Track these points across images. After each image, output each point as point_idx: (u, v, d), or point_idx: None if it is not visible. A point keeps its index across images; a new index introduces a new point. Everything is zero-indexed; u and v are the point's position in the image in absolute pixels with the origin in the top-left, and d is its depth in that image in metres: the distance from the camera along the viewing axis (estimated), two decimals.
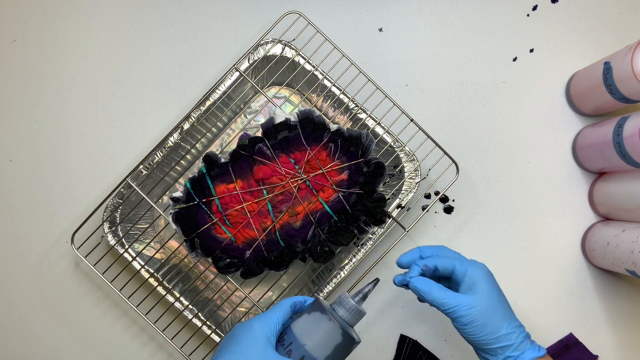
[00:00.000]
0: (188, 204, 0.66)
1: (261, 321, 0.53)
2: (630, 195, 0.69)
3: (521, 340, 0.56)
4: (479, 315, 0.56)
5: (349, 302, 0.55)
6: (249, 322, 0.53)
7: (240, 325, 0.54)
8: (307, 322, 0.54)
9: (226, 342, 0.53)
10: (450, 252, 0.62)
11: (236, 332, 0.53)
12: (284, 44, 0.71)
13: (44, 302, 0.75)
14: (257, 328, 0.52)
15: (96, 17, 0.78)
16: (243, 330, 0.53)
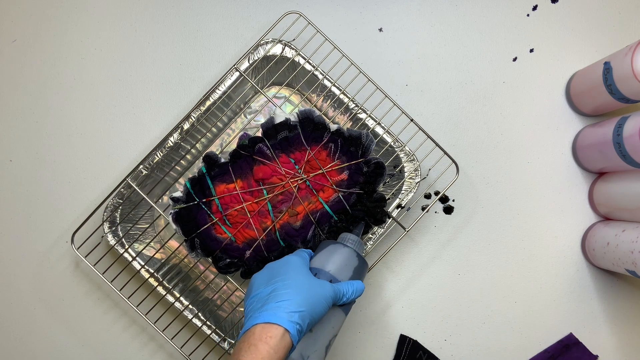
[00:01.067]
0: (188, 204, 0.66)
1: (295, 255, 0.60)
2: (630, 195, 0.69)
3: None
4: None
5: (352, 236, 0.63)
6: (284, 258, 0.60)
7: (275, 262, 0.60)
8: (325, 254, 0.61)
9: (265, 275, 0.58)
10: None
11: (274, 266, 0.59)
12: (284, 44, 0.71)
13: (44, 302, 0.75)
14: (294, 260, 0.59)
15: (96, 17, 0.78)
16: (282, 264, 0.59)
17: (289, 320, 0.53)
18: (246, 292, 0.60)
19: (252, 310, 0.55)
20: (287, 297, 0.54)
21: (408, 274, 0.76)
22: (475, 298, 0.75)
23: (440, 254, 0.76)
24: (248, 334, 0.53)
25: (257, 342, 0.52)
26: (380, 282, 0.75)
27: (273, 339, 0.52)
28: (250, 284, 0.59)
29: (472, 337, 0.75)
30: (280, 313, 0.53)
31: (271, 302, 0.54)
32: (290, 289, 0.55)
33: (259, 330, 0.52)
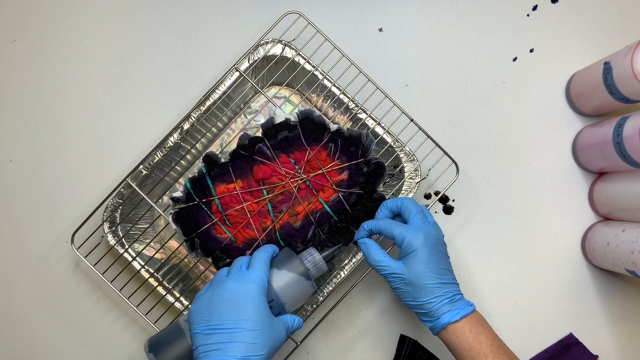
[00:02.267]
0: (188, 204, 0.66)
1: (257, 284, 0.56)
2: (630, 195, 0.69)
3: (437, 308, 0.59)
4: (402, 283, 0.60)
5: (317, 256, 0.62)
6: (247, 284, 0.56)
7: (233, 284, 0.56)
8: (287, 282, 0.60)
9: (227, 302, 0.55)
10: (409, 207, 0.63)
11: (237, 295, 0.55)
12: (284, 44, 0.71)
13: (44, 302, 0.75)
14: (254, 292, 0.55)
15: (96, 17, 0.78)
16: (243, 293, 0.55)
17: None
18: (195, 309, 0.56)
19: (210, 347, 0.53)
20: (253, 340, 0.53)
21: None
22: (475, 298, 0.75)
23: None
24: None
25: None
26: (380, 282, 0.75)
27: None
28: (201, 304, 0.56)
29: None
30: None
31: (233, 346, 0.52)
32: (254, 332, 0.53)
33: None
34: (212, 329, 0.54)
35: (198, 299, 0.56)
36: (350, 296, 0.74)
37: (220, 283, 0.56)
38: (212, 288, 0.56)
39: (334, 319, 0.75)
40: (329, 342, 0.75)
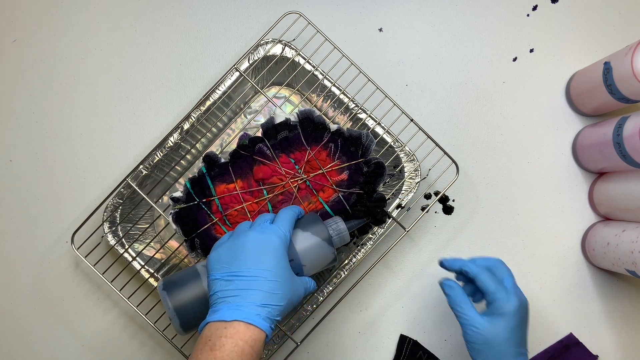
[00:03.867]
0: (188, 204, 0.66)
1: (280, 238, 0.55)
2: (630, 195, 0.69)
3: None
4: (479, 339, 0.58)
5: (342, 225, 0.61)
6: (270, 236, 0.55)
7: (262, 238, 0.55)
8: (309, 245, 0.59)
9: (249, 251, 0.54)
10: (502, 269, 0.62)
11: (260, 245, 0.54)
12: (284, 44, 0.71)
13: (44, 302, 0.75)
14: (276, 243, 0.55)
15: (96, 17, 0.78)
16: (264, 243, 0.55)
17: (270, 319, 0.52)
18: (215, 256, 0.55)
19: (229, 293, 0.52)
20: (273, 291, 0.52)
21: (408, 274, 0.76)
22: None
23: (440, 254, 0.76)
24: (230, 329, 0.50)
25: (244, 345, 0.50)
26: (380, 282, 0.75)
27: (258, 343, 0.51)
28: (222, 252, 0.55)
29: None
30: (264, 313, 0.51)
31: (252, 293, 0.52)
32: (273, 283, 0.53)
33: (243, 330, 0.50)
34: (232, 275, 0.53)
35: (218, 247, 0.56)
36: (350, 296, 0.74)
37: (242, 233, 0.56)
38: (234, 237, 0.56)
39: (334, 319, 0.75)
40: (329, 342, 0.75)
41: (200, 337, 0.51)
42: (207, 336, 0.50)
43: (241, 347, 0.50)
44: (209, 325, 0.51)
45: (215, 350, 0.49)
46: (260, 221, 0.57)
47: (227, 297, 0.52)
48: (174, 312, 0.57)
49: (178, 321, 0.57)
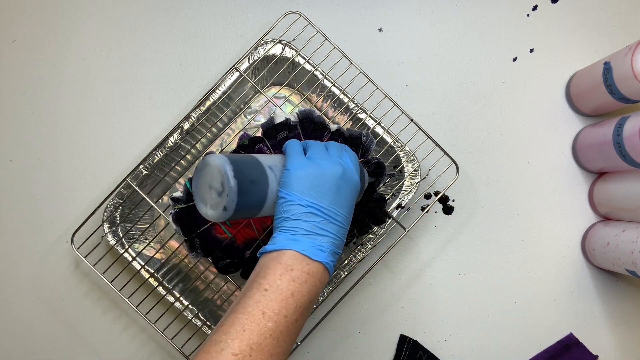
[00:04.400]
0: (188, 204, 0.66)
1: (359, 180, 0.55)
2: (630, 195, 0.69)
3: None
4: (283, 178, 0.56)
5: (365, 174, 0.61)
6: (356, 182, 0.54)
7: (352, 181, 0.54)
8: None
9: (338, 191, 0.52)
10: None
11: (346, 188, 0.53)
12: (284, 44, 0.71)
13: (44, 302, 0.75)
14: (355, 182, 0.54)
15: (96, 18, 0.78)
16: (352, 190, 0.54)
17: (333, 264, 0.52)
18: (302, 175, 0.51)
19: (314, 228, 0.50)
20: (344, 239, 0.52)
21: (408, 274, 0.76)
22: (475, 298, 0.75)
23: (440, 254, 0.76)
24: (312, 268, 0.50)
25: (320, 287, 0.50)
26: (380, 282, 0.75)
27: (324, 286, 0.51)
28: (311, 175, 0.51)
29: (472, 337, 0.75)
30: (334, 261, 0.51)
31: (333, 239, 0.51)
32: (346, 231, 0.52)
33: (322, 273, 0.50)
34: (319, 210, 0.51)
35: (305, 168, 0.52)
36: (350, 296, 0.74)
37: (332, 165, 0.53)
38: (325, 166, 0.52)
39: (334, 319, 0.75)
40: (329, 342, 0.75)
41: (278, 261, 0.49)
42: (288, 264, 0.49)
43: (318, 288, 0.50)
44: (290, 253, 0.50)
45: (297, 283, 0.49)
46: (339, 154, 0.55)
47: (312, 233, 0.50)
48: (236, 195, 0.50)
49: (234, 208, 0.51)
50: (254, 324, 0.47)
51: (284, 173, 0.53)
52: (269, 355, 0.46)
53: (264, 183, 0.53)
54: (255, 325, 0.47)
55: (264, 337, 0.46)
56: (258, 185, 0.52)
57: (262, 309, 0.47)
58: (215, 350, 0.45)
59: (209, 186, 0.52)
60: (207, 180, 0.52)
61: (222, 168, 0.51)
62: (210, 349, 0.46)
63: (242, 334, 0.46)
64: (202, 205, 0.53)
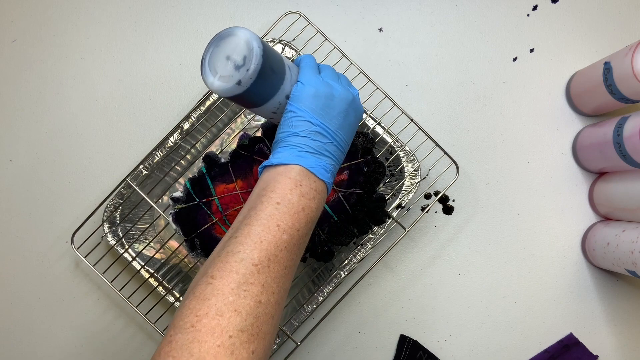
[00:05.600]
0: (188, 204, 0.66)
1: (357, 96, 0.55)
2: (630, 195, 0.69)
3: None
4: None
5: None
6: (360, 105, 0.55)
7: (359, 108, 0.54)
8: None
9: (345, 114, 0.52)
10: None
11: (353, 114, 0.53)
12: (284, 43, 0.71)
13: (44, 302, 0.75)
14: (360, 109, 0.55)
15: (96, 17, 0.78)
16: (356, 115, 0.54)
17: (331, 187, 0.52)
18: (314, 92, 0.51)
19: (321, 148, 0.50)
20: (340, 158, 0.52)
21: (408, 274, 0.76)
22: (475, 298, 0.75)
23: (440, 254, 0.76)
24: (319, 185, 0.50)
25: (323, 204, 0.50)
26: (380, 282, 0.75)
27: (323, 204, 0.51)
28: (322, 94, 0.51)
29: (472, 337, 0.75)
30: (332, 178, 0.51)
31: (335, 161, 0.51)
32: (342, 154, 0.52)
33: (324, 191, 0.50)
34: (326, 131, 0.51)
35: (319, 87, 0.51)
36: (350, 296, 0.74)
37: (344, 90, 0.52)
38: (338, 89, 0.52)
39: (334, 319, 0.75)
40: (329, 342, 0.75)
41: (287, 175, 0.49)
42: (297, 180, 0.49)
43: (321, 207, 0.50)
44: (298, 169, 0.49)
45: (306, 199, 0.48)
46: (348, 82, 0.55)
47: (318, 152, 0.50)
48: (256, 73, 0.49)
49: (249, 85, 0.49)
50: (270, 235, 0.46)
51: (297, 86, 0.51)
52: (284, 267, 0.46)
53: (281, 77, 0.51)
54: (272, 237, 0.46)
55: (280, 249, 0.46)
56: (277, 76, 0.51)
57: (277, 222, 0.47)
58: (234, 260, 0.45)
59: (226, 57, 0.49)
60: (227, 50, 0.50)
61: (251, 42, 0.49)
62: (228, 259, 0.45)
63: (260, 245, 0.45)
64: (210, 75, 0.50)
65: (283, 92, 0.52)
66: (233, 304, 0.42)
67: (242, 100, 0.51)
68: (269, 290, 0.44)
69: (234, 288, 0.43)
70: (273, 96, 0.51)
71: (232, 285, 0.43)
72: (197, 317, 0.42)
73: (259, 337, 0.43)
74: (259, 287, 0.44)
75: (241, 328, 0.42)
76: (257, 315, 0.43)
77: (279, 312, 0.46)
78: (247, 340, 0.42)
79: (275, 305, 0.45)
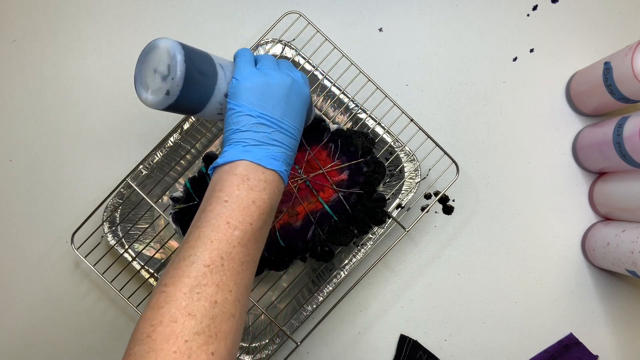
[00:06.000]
0: (188, 204, 0.66)
1: (305, 82, 0.55)
2: (630, 195, 0.69)
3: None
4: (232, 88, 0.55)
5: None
6: (307, 92, 0.54)
7: (303, 91, 0.54)
8: None
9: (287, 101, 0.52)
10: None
11: (296, 99, 0.53)
12: (284, 43, 0.71)
13: (44, 303, 0.75)
14: (306, 93, 0.54)
15: (96, 17, 0.78)
16: (302, 100, 0.53)
17: (286, 175, 0.52)
18: (251, 85, 0.50)
19: (266, 139, 0.50)
20: (295, 150, 0.52)
21: (408, 274, 0.76)
22: (475, 298, 0.75)
23: (440, 254, 0.76)
24: (268, 175, 0.49)
25: (278, 194, 0.50)
26: (380, 282, 0.75)
27: (280, 195, 0.51)
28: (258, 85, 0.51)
29: (472, 337, 0.75)
30: (288, 170, 0.51)
31: (286, 149, 0.51)
32: (297, 142, 0.53)
33: (278, 180, 0.50)
34: (270, 121, 0.50)
35: (254, 78, 0.51)
36: (350, 296, 0.74)
37: (282, 76, 0.52)
38: (275, 77, 0.52)
39: (334, 319, 0.75)
40: (329, 342, 0.75)
41: (233, 172, 0.49)
42: (243, 174, 0.49)
43: (277, 195, 0.50)
44: (244, 164, 0.49)
45: (255, 191, 0.48)
46: (290, 67, 0.54)
47: (264, 143, 0.50)
48: (181, 81, 0.49)
49: (177, 94, 0.49)
50: (220, 234, 0.46)
51: (233, 83, 0.52)
52: (240, 263, 0.46)
53: (213, 78, 0.51)
54: (222, 235, 0.46)
55: (233, 246, 0.46)
56: (206, 78, 0.51)
57: (226, 219, 0.47)
58: (185, 265, 0.44)
59: (153, 70, 0.50)
60: (153, 63, 0.50)
61: (172, 50, 0.49)
62: (180, 265, 0.45)
63: (210, 245, 0.45)
64: (143, 90, 0.51)
65: (220, 92, 0.52)
66: (186, 308, 0.42)
67: (180, 109, 0.51)
68: (225, 289, 0.44)
69: (186, 292, 0.43)
70: (209, 98, 0.52)
71: (185, 289, 0.43)
72: (152, 327, 0.42)
73: (219, 337, 0.42)
74: (214, 287, 0.44)
75: (197, 331, 0.41)
76: (213, 315, 0.43)
77: (241, 309, 0.45)
78: (205, 342, 0.42)
79: (234, 303, 0.44)
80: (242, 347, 0.71)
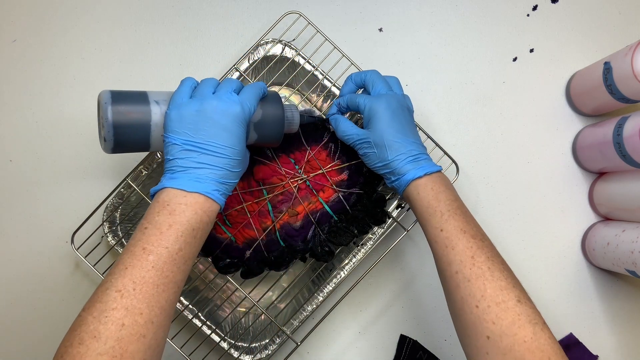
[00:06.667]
0: None
1: (245, 114, 0.55)
2: (630, 195, 0.69)
3: (402, 165, 0.59)
4: (368, 147, 0.61)
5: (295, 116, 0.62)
6: (237, 111, 0.54)
7: (230, 111, 0.54)
8: (264, 120, 0.59)
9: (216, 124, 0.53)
10: (372, 78, 0.63)
11: (226, 119, 0.54)
12: (284, 44, 0.71)
13: (44, 303, 0.75)
14: (244, 121, 0.55)
15: (96, 17, 0.78)
16: (234, 121, 0.54)
17: (225, 195, 0.54)
18: (176, 116, 0.53)
19: (191, 164, 0.52)
20: (232, 168, 0.54)
21: (408, 274, 0.76)
22: None
23: None
24: (189, 198, 0.51)
25: (202, 214, 0.52)
26: (380, 282, 0.75)
27: (213, 214, 0.53)
28: (186, 114, 0.53)
29: None
30: (222, 189, 0.53)
31: (214, 170, 0.53)
32: (235, 161, 0.54)
33: (203, 201, 0.52)
34: (195, 146, 0.53)
35: (181, 107, 0.53)
36: (350, 296, 0.74)
37: (208, 99, 0.54)
38: (199, 102, 0.54)
39: (334, 319, 0.75)
40: (329, 342, 0.75)
41: (156, 200, 0.52)
42: (165, 200, 0.52)
43: (200, 216, 0.52)
44: (167, 191, 0.52)
45: (175, 215, 0.51)
46: (227, 89, 0.55)
47: (189, 167, 0.53)
48: (112, 127, 0.53)
49: (113, 138, 0.53)
50: (135, 259, 0.49)
51: (165, 117, 0.55)
52: (154, 286, 0.48)
53: (146, 116, 0.54)
54: (137, 260, 0.49)
55: (146, 270, 0.49)
56: (140, 117, 0.54)
57: (143, 245, 0.50)
58: (100, 291, 0.49)
59: (99, 121, 0.55)
60: (100, 115, 0.55)
61: (102, 100, 0.53)
62: (97, 292, 0.49)
63: (124, 272, 0.49)
64: (100, 139, 0.55)
65: (158, 127, 0.55)
66: (93, 331, 0.46)
67: (128, 150, 0.55)
68: (135, 312, 0.47)
69: (95, 316, 0.47)
70: (149, 135, 0.55)
71: (95, 313, 0.48)
72: (65, 348, 0.47)
73: (124, 357, 0.45)
74: (122, 310, 0.47)
75: (100, 352, 0.45)
76: (119, 337, 0.46)
77: (154, 330, 0.48)
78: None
79: (145, 325, 0.47)
80: (242, 347, 0.71)
